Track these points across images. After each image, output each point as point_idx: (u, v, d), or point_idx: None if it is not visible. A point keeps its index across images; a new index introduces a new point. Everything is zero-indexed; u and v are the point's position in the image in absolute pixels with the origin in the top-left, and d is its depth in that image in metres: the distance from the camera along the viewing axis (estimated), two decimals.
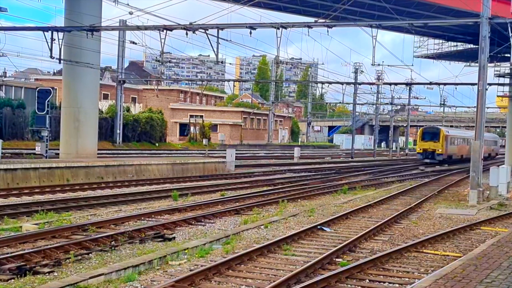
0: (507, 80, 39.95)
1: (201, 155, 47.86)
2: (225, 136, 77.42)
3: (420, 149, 53.89)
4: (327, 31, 23.84)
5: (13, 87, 58.78)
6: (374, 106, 73.73)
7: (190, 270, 10.70)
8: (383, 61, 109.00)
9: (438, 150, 52.41)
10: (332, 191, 26.29)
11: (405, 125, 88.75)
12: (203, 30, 23.82)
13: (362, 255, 12.78)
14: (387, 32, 67.81)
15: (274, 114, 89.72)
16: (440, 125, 72.65)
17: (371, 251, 13.21)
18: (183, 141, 71.42)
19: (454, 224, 17.51)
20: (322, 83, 52.43)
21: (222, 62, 32.35)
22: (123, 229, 14.38)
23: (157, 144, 56.78)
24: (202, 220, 16.87)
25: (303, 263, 11.62)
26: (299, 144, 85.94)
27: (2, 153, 28.74)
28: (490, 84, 30.62)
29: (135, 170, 29.15)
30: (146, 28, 25.66)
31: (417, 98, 70.67)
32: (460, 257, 11.85)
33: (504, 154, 72.34)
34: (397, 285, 10.41)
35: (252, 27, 23.53)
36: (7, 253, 11.42)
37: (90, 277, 9.83)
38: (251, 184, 28.12)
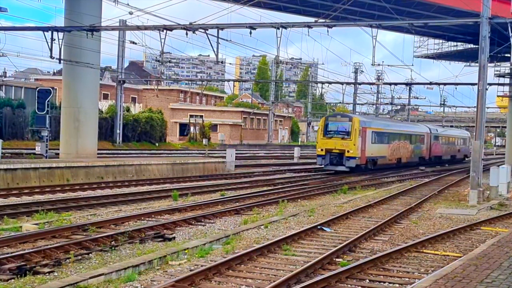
0: (507, 80, 39.99)
1: (201, 155, 47.83)
2: (225, 136, 77.41)
3: (321, 150, 36.20)
4: (327, 31, 23.85)
5: (13, 87, 58.76)
6: (374, 106, 73.71)
7: (190, 270, 10.70)
8: (383, 61, 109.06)
9: (349, 152, 35.30)
10: (332, 191, 26.28)
11: None
12: (203, 30, 23.82)
13: (362, 255, 12.77)
14: (388, 31, 67.71)
15: (274, 114, 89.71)
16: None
17: (371, 251, 13.20)
18: (183, 141, 71.40)
19: (454, 224, 17.50)
20: (322, 83, 52.44)
21: (222, 62, 32.39)
22: (123, 229, 14.38)
23: (157, 144, 56.78)
24: (202, 220, 16.87)
25: (303, 263, 11.61)
26: (299, 144, 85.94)
27: (2, 153, 28.72)
28: (490, 84, 30.62)
29: (135, 170, 29.15)
30: (146, 28, 25.66)
31: (417, 98, 70.68)
32: (460, 257, 11.84)
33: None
34: (397, 285, 10.41)
35: (252, 27, 23.53)
36: (7, 253, 11.42)
37: (90, 277, 9.83)
38: (251, 184, 28.11)
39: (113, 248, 12.46)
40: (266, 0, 38.27)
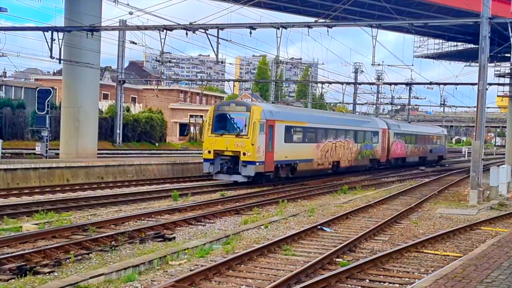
0: (507, 80, 39.98)
1: (201, 155, 47.76)
2: None
3: (209, 152, 26.68)
4: (327, 31, 23.84)
5: (13, 87, 58.72)
6: (374, 106, 73.67)
7: (190, 270, 10.70)
8: (383, 61, 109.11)
9: (245, 154, 25.86)
10: (332, 191, 26.29)
11: None
12: (203, 30, 23.81)
13: (362, 255, 12.77)
14: (389, 31, 67.57)
15: None
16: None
17: (371, 251, 13.20)
18: (183, 141, 71.36)
19: (454, 224, 17.50)
20: (322, 83, 52.40)
21: (222, 62, 32.35)
22: (123, 229, 14.39)
23: (157, 144, 56.75)
24: (202, 220, 16.87)
25: (303, 263, 11.61)
26: None
27: (2, 153, 28.72)
28: (490, 84, 30.62)
29: (135, 170, 29.14)
30: (146, 28, 25.65)
31: (417, 98, 70.53)
32: (460, 257, 11.85)
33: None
34: (397, 285, 10.41)
35: (252, 27, 23.53)
36: (7, 253, 11.43)
37: (90, 277, 9.83)
38: (251, 184, 28.09)
39: (113, 248, 12.46)
40: (266, 0, 38.27)
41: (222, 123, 26.97)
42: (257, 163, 26.10)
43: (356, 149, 36.94)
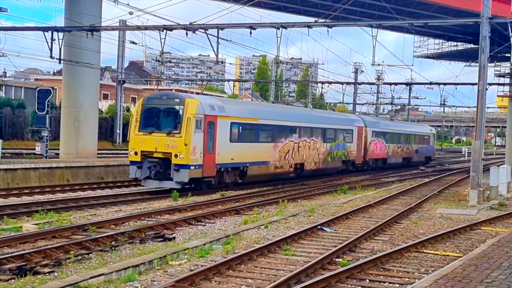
0: (507, 80, 39.96)
1: None
2: None
3: (135, 153, 22.74)
4: (327, 31, 23.83)
5: (13, 87, 58.73)
6: (374, 106, 73.70)
7: (191, 270, 10.70)
8: (383, 61, 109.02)
9: (178, 156, 22.08)
10: (332, 191, 26.29)
11: None
12: (203, 30, 23.81)
13: (362, 255, 12.77)
14: (389, 31, 67.53)
15: None
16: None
17: (371, 251, 13.20)
18: None
19: (454, 224, 17.50)
20: (322, 83, 52.38)
21: (222, 62, 32.36)
22: (123, 229, 14.40)
23: None
24: (202, 220, 16.88)
25: (303, 263, 11.61)
26: None
27: (2, 153, 28.71)
28: (490, 84, 30.61)
29: None
30: (146, 28, 25.65)
31: (417, 98, 70.57)
32: (461, 257, 11.85)
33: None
34: (397, 285, 10.41)
35: (252, 27, 23.53)
36: (7, 253, 11.43)
37: (91, 277, 9.83)
38: (251, 184, 28.08)
39: (113, 248, 12.47)
40: (266, 0, 38.30)
41: (152, 119, 23.15)
42: (192, 167, 22.25)
43: (324, 150, 33.04)
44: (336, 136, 34.56)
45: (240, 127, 25.38)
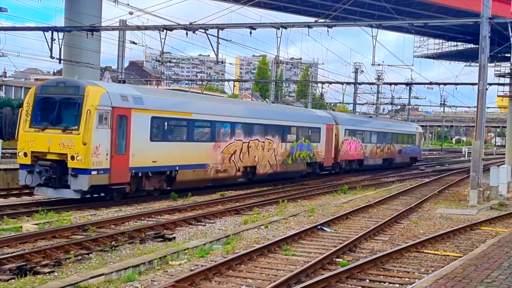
0: (507, 80, 39.96)
1: None
2: None
3: (25, 154, 18.83)
4: (327, 31, 23.82)
5: (13, 87, 58.77)
6: (374, 106, 73.70)
7: (191, 270, 10.70)
8: (383, 61, 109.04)
9: (75, 158, 18.04)
10: (332, 191, 26.29)
11: None
12: (203, 30, 23.80)
13: (362, 255, 12.77)
14: (389, 31, 67.50)
15: None
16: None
17: (371, 251, 13.20)
18: None
19: (454, 224, 17.50)
20: (322, 83, 52.37)
21: (222, 62, 32.30)
22: (123, 229, 14.40)
23: None
24: (202, 220, 16.88)
25: (303, 263, 11.61)
26: None
27: (2, 153, 28.70)
28: (490, 84, 30.60)
29: None
30: (146, 28, 25.63)
31: (417, 98, 70.55)
32: (461, 257, 11.85)
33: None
34: (397, 285, 10.40)
35: (252, 27, 23.52)
36: (8, 253, 11.43)
37: (91, 277, 9.83)
38: (251, 184, 28.07)
39: (113, 248, 12.46)
40: (266, 0, 38.28)
41: (45, 112, 19.01)
42: (94, 172, 18.12)
43: (283, 151, 28.90)
44: (298, 135, 30.45)
45: (166, 123, 21.29)
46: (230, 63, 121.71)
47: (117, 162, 18.89)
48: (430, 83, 44.21)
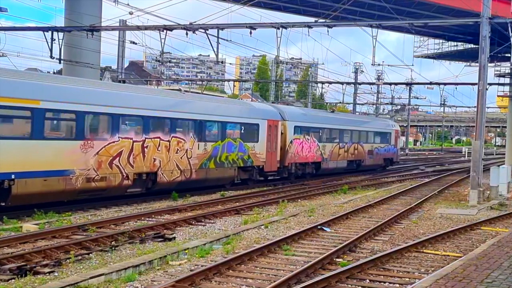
0: (507, 80, 39.99)
1: None
2: None
3: None
4: (327, 31, 23.84)
5: None
6: (374, 106, 73.75)
7: (191, 270, 10.70)
8: (383, 61, 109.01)
9: None
10: (332, 191, 26.29)
11: (405, 125, 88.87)
12: (203, 30, 23.81)
13: (362, 255, 12.77)
14: (390, 31, 67.51)
15: None
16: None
17: (372, 251, 13.20)
18: None
19: (454, 224, 17.51)
20: (322, 83, 52.37)
21: (222, 62, 32.29)
22: (123, 229, 14.41)
23: None
24: (202, 220, 16.88)
25: (304, 263, 11.61)
26: None
27: None
28: (490, 84, 30.62)
29: None
30: (146, 28, 25.64)
31: (417, 98, 70.62)
32: (461, 257, 11.85)
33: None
34: (397, 285, 10.40)
35: (252, 27, 23.53)
36: (8, 253, 11.44)
37: (91, 277, 9.83)
38: (251, 184, 28.09)
39: (113, 248, 12.47)
40: (266, 0, 38.29)
41: None
42: None
43: (201, 152, 22.99)
44: (225, 133, 24.54)
45: None
46: (230, 63, 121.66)
47: None
48: (430, 83, 44.23)
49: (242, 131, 25.85)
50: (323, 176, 33.50)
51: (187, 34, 24.05)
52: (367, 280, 10.62)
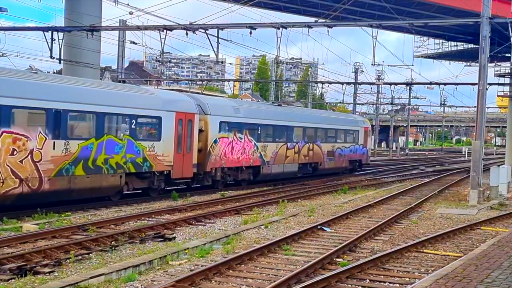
0: (507, 80, 39.95)
1: None
2: None
3: None
4: (327, 31, 23.82)
5: None
6: (374, 106, 73.74)
7: (191, 270, 10.70)
8: (383, 61, 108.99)
9: None
10: (332, 191, 26.29)
11: (405, 125, 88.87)
12: (203, 30, 23.80)
13: (362, 255, 12.77)
14: (390, 31, 67.47)
15: None
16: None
17: (372, 251, 13.20)
18: None
19: (454, 224, 17.50)
20: (322, 83, 52.38)
21: (222, 62, 32.30)
22: (123, 229, 14.40)
23: None
24: (202, 220, 16.88)
25: (304, 263, 11.61)
26: None
27: None
28: (490, 84, 30.59)
29: None
30: (146, 28, 25.63)
31: (417, 98, 70.56)
32: (461, 257, 11.85)
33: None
34: (397, 285, 10.40)
35: (252, 27, 23.52)
36: (8, 253, 11.43)
37: (91, 277, 9.83)
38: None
39: (113, 248, 12.46)
40: (266, 0, 38.30)
41: None
42: None
43: (60, 154, 17.08)
44: (102, 128, 18.60)
45: None
46: (230, 63, 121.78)
47: None
48: (430, 83, 44.22)
49: (133, 126, 19.77)
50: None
51: (187, 34, 24.05)
52: (367, 280, 10.62)
